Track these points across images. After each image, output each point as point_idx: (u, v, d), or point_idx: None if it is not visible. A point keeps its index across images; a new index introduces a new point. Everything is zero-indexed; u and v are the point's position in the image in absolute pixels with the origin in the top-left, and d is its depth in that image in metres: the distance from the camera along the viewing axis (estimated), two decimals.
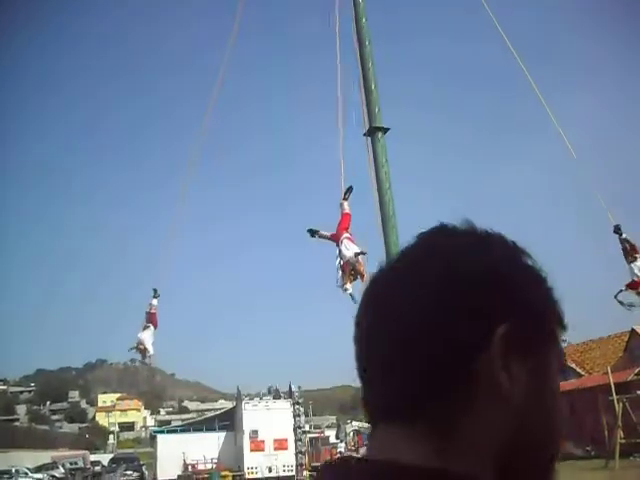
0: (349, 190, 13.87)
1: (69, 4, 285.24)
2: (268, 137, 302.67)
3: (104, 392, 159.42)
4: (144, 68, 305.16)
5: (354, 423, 64.95)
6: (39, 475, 49.56)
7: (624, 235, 15.02)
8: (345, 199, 13.78)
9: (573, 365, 38.89)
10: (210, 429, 42.72)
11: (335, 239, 13.23)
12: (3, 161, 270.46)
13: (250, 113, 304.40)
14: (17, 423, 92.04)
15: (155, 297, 17.35)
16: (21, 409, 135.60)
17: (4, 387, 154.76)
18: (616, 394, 24.51)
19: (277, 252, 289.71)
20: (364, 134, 14.15)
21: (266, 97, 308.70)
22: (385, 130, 13.99)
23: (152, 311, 17.25)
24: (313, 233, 13.37)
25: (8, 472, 45.30)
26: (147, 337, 16.81)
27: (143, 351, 16.85)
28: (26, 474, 47.95)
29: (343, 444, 53.46)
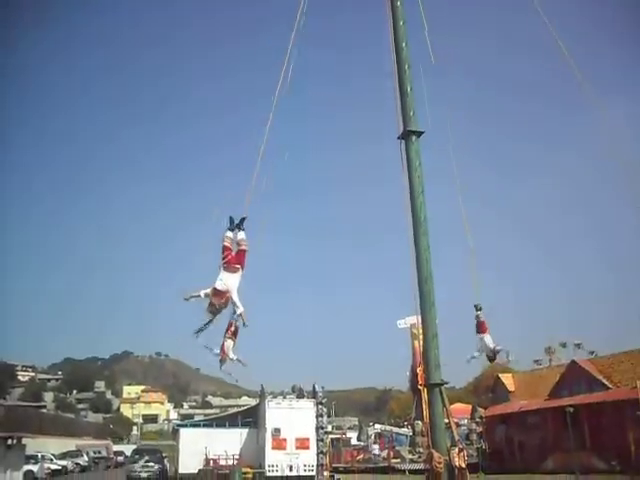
0: None
1: None
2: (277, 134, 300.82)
3: (129, 384, 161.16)
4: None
5: (377, 426, 64.74)
6: (64, 462, 50.42)
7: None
8: None
9: (601, 378, 38.33)
10: (233, 425, 42.84)
11: None
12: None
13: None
14: (44, 410, 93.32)
15: (241, 229, 11.93)
16: (48, 396, 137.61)
17: (32, 374, 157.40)
18: None
19: (298, 250, 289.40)
20: (398, 137, 14.08)
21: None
22: (419, 134, 13.91)
23: (243, 247, 11.77)
24: None
25: (34, 457, 46.07)
26: (234, 283, 11.25)
27: (223, 303, 11.03)
28: (51, 460, 48.78)
29: (377, 446, 53.05)
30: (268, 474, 36.62)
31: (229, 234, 11.90)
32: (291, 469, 37.01)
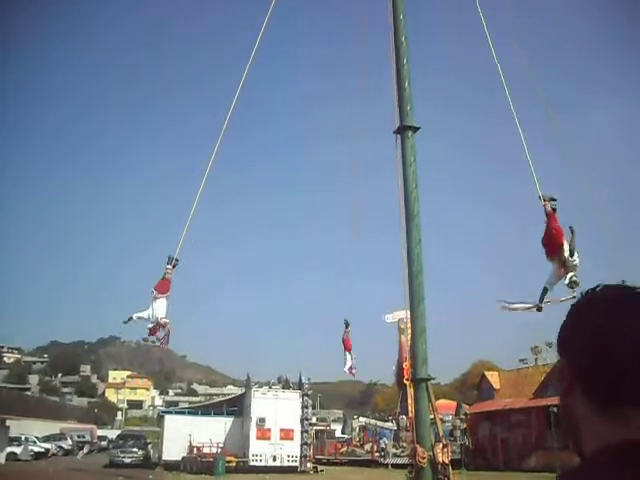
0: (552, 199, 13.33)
1: None
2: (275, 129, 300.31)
3: (115, 369, 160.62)
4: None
5: (361, 419, 64.84)
6: (47, 445, 50.28)
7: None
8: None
9: None
10: (218, 414, 42.87)
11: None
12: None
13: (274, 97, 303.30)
14: (29, 392, 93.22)
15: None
16: (33, 379, 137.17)
17: (18, 356, 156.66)
18: None
19: (294, 237, 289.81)
20: (394, 132, 14.04)
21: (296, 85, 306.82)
22: (415, 129, 13.88)
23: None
24: None
25: (18, 439, 46.00)
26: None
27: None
28: (35, 442, 48.67)
29: (386, 440, 51.37)
30: (252, 463, 36.73)
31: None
32: (275, 459, 37.13)
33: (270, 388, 40.33)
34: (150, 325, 14.32)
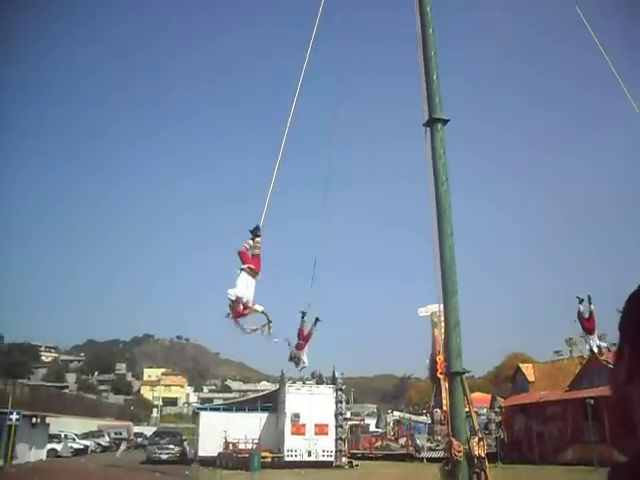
0: None
1: None
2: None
3: (150, 366, 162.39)
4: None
5: (395, 413, 64.73)
6: (86, 441, 51.25)
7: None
8: None
9: None
10: (252, 410, 43.12)
11: None
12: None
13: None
14: (67, 390, 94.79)
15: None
16: (71, 377, 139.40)
17: (55, 355, 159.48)
18: None
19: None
20: (423, 124, 13.98)
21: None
22: (445, 121, 13.81)
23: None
24: None
25: (57, 436, 46.94)
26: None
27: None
28: (74, 439, 49.63)
29: (420, 437, 50.29)
30: (287, 459, 36.90)
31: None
32: (310, 454, 37.27)
33: (304, 384, 40.47)
34: (242, 308, 12.83)
